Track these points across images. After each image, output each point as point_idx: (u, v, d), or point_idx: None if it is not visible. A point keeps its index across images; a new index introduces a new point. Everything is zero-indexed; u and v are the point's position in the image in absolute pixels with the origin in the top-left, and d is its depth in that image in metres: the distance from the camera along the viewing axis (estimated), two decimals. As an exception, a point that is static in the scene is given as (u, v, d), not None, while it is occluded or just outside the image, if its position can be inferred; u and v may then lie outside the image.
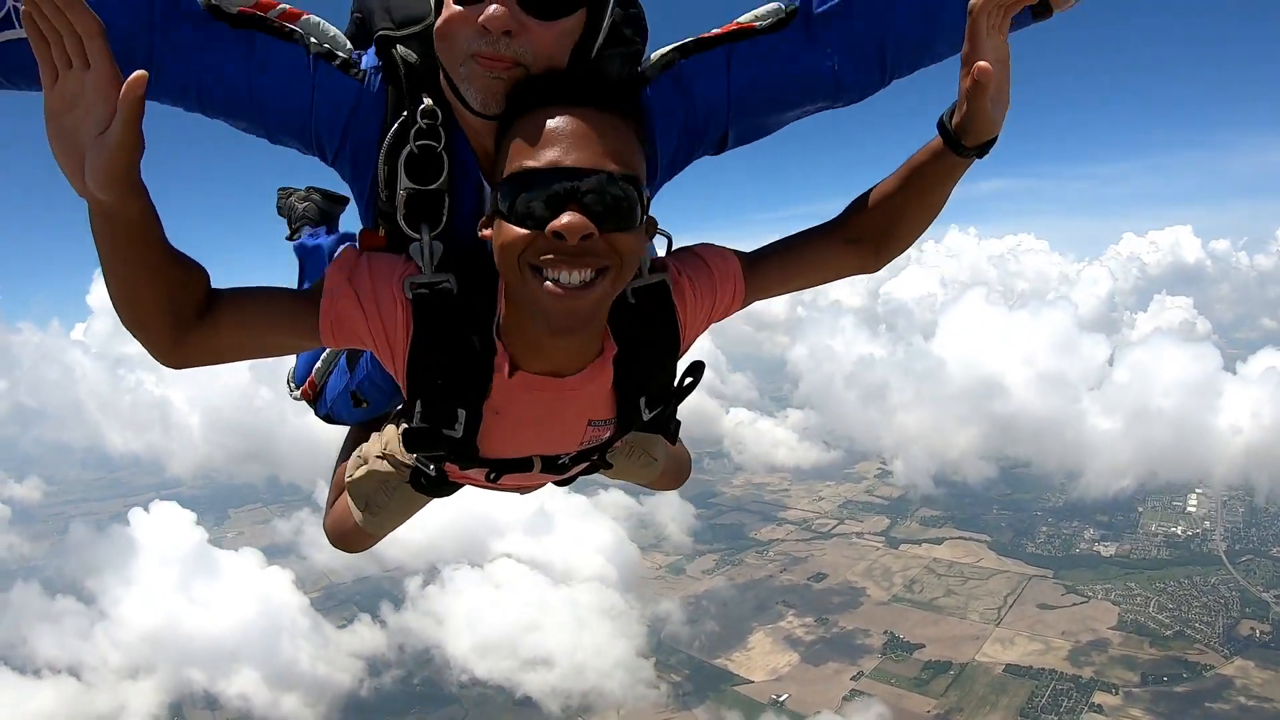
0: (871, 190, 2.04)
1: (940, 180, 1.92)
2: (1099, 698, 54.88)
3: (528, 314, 1.65)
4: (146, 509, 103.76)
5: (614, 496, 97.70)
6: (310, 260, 3.17)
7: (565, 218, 1.46)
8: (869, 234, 2.05)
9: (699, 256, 2.00)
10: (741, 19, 1.97)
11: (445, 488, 2.50)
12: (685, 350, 2.06)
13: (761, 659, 65.65)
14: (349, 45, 1.85)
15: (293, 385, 3.20)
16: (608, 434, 2.10)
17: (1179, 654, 58.19)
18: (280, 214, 3.75)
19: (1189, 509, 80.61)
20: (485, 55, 1.58)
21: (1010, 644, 62.23)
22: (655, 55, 1.95)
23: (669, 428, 2.26)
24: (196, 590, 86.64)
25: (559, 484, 2.50)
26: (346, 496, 2.91)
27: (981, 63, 1.63)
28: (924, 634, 64.98)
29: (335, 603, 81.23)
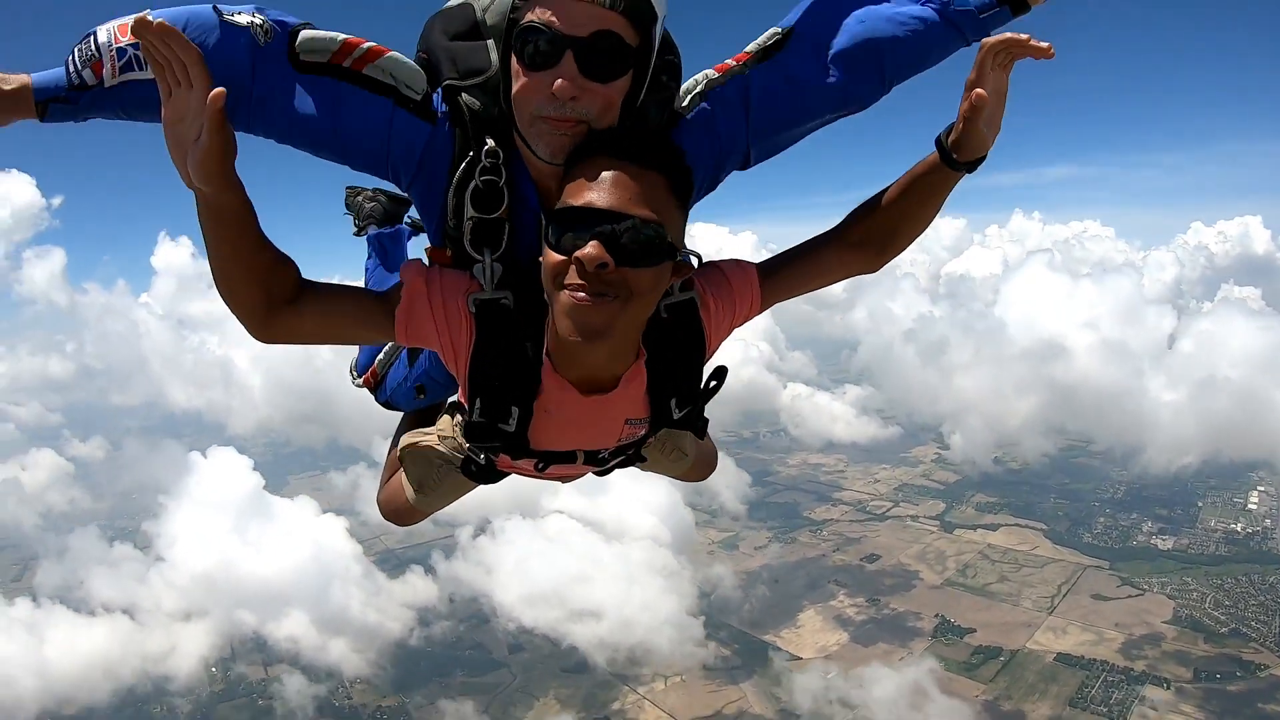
0: (871, 199, 2.40)
1: (936, 190, 2.29)
2: (1150, 692, 55.79)
3: (557, 324, 1.96)
4: (204, 454, 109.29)
5: None
6: (390, 251, 3.93)
7: (587, 249, 1.81)
8: (872, 238, 2.41)
9: (722, 272, 2.37)
10: (748, 49, 2.33)
11: (493, 476, 2.86)
12: (710, 356, 2.43)
13: (811, 636, 67.80)
14: (424, 81, 2.17)
15: (355, 374, 3.62)
16: (643, 431, 2.45)
17: (1233, 652, 58.93)
18: (348, 210, 4.24)
19: (1250, 506, 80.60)
20: (554, 118, 1.94)
21: (1063, 633, 63.43)
22: (685, 87, 2.31)
23: (697, 424, 2.59)
24: (251, 535, 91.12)
25: (598, 474, 2.89)
26: (401, 475, 3.26)
27: (980, 90, 1.99)
28: (976, 619, 66.56)
29: (388, 555, 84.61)
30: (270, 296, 2.02)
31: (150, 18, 1.69)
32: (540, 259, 1.98)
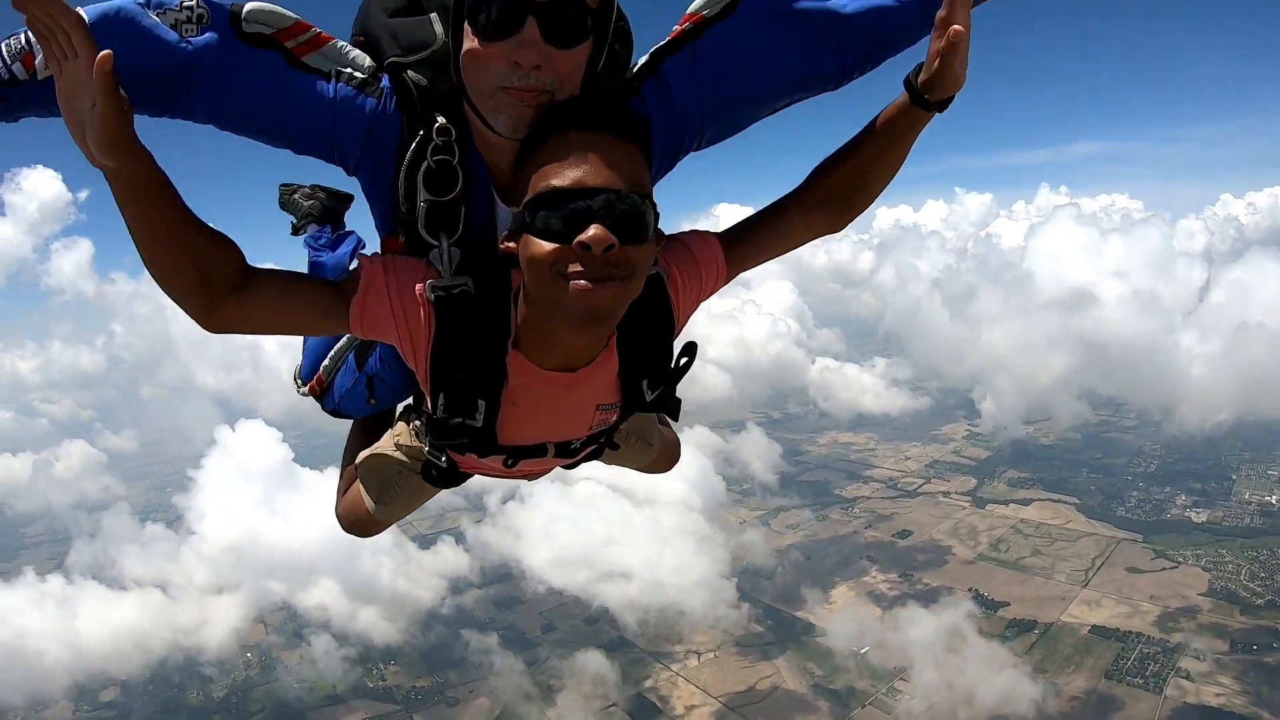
0: (833, 155, 2.32)
1: (904, 134, 2.21)
2: (1186, 664, 56.89)
3: (553, 316, 1.93)
4: (233, 428, 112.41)
5: (699, 434, 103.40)
6: (327, 267, 3.66)
7: (591, 231, 1.73)
8: (835, 195, 2.34)
9: (685, 245, 2.31)
10: (691, 8, 2.25)
11: (456, 478, 2.81)
12: (679, 331, 2.38)
13: (844, 612, 69.41)
14: (369, 63, 2.13)
15: (299, 382, 3.47)
16: (614, 416, 2.41)
17: (1270, 624, 59.89)
18: (284, 209, 4.04)
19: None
20: (517, 89, 1.87)
21: (1097, 606, 65.01)
22: (640, 61, 2.27)
23: (670, 405, 2.52)
24: (280, 505, 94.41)
25: (567, 468, 2.82)
26: (358, 486, 3.24)
27: (957, 25, 1.90)
28: (1009, 593, 68.25)
29: (416, 525, 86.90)
30: (210, 282, 1.91)
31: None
32: (507, 249, 1.96)
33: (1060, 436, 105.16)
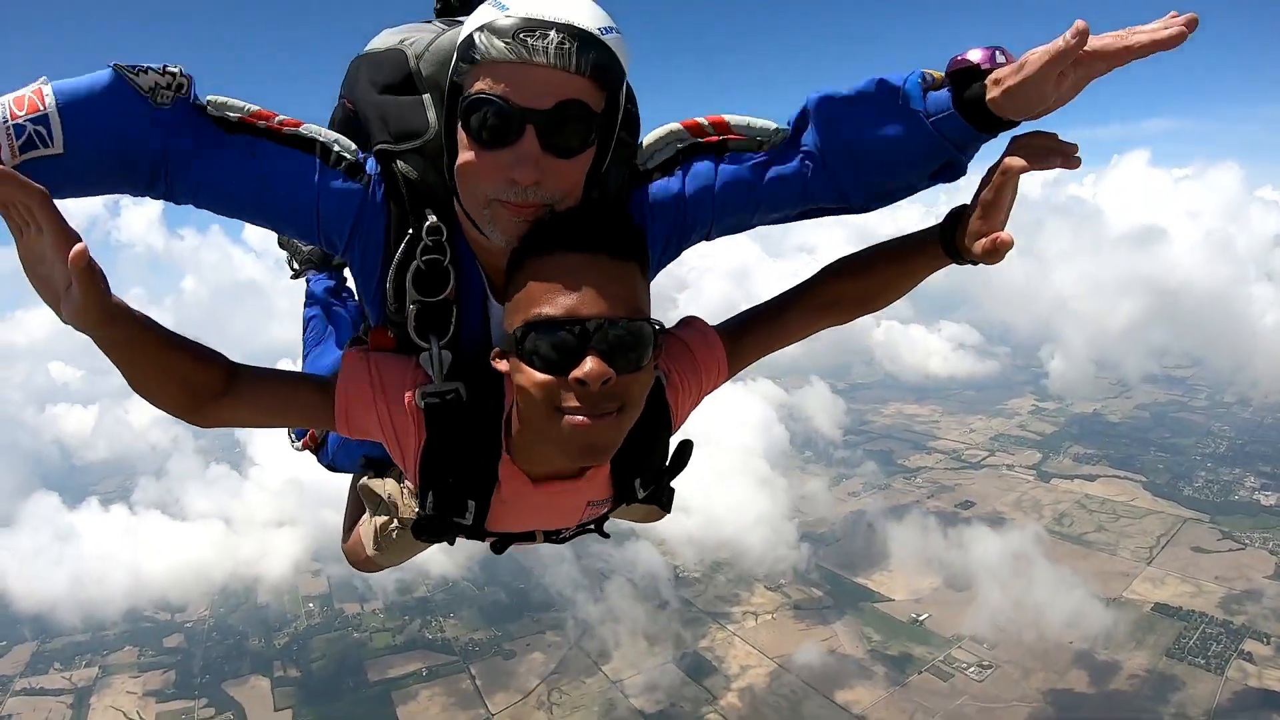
0: (847, 260, 2.38)
1: (925, 269, 2.29)
2: (1249, 646, 58.36)
3: (547, 446, 2.00)
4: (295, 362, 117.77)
5: (763, 387, 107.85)
6: (346, 322, 3.82)
7: (587, 365, 1.70)
8: (844, 302, 2.41)
9: (685, 344, 2.34)
10: (732, 121, 2.22)
11: (448, 538, 2.76)
12: (675, 431, 2.41)
13: (903, 580, 72.33)
14: (352, 146, 2.08)
15: (294, 438, 3.64)
16: (605, 510, 2.47)
17: None
18: (282, 247, 4.06)
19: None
20: (513, 204, 1.81)
21: (1160, 584, 66.73)
22: (648, 142, 2.23)
23: (662, 500, 2.54)
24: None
25: (558, 543, 2.84)
26: (359, 530, 3.45)
27: (1004, 235, 1.92)
28: (1072, 567, 69.67)
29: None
30: (193, 395, 2.01)
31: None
32: (496, 362, 1.97)
33: (1128, 415, 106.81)
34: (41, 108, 1.80)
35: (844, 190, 2.19)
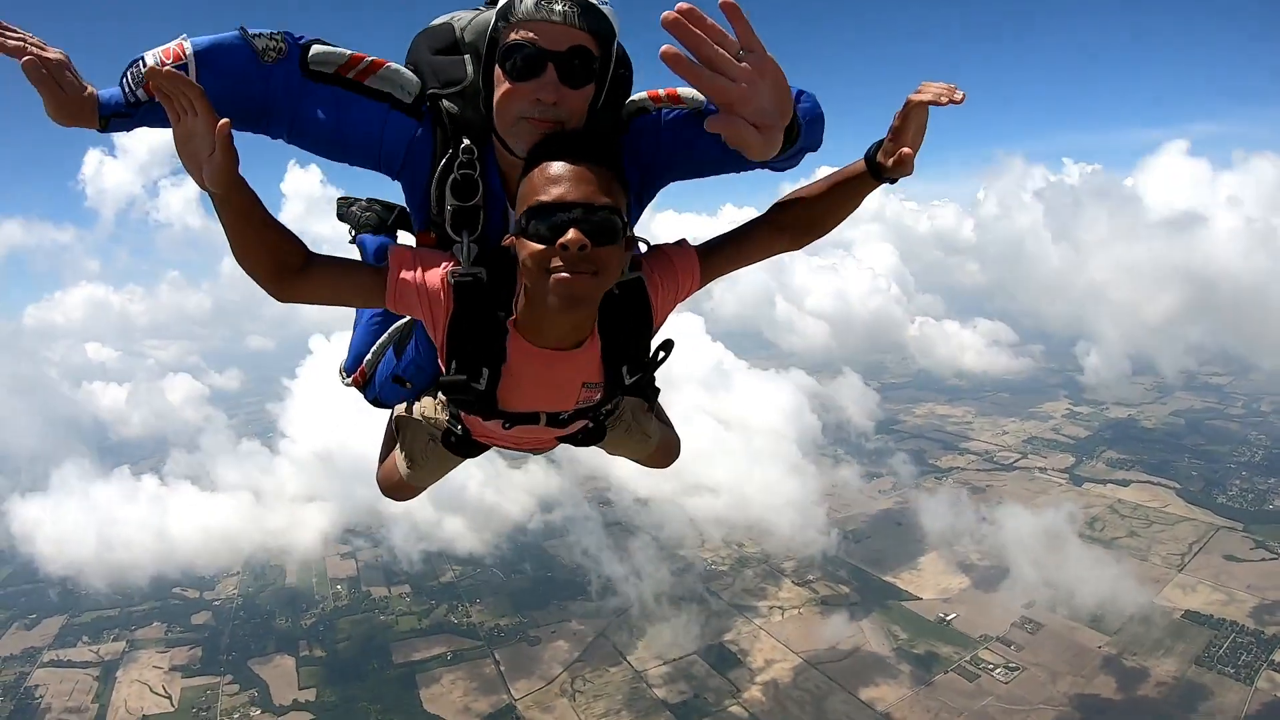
0: (797, 191, 2.97)
1: (856, 195, 2.87)
2: None
3: (542, 302, 2.48)
4: (329, 338, 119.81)
5: (796, 377, 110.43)
6: (373, 254, 4.35)
7: (569, 234, 2.33)
8: (797, 224, 2.97)
9: (666, 254, 2.92)
10: (681, 91, 2.91)
11: (471, 448, 3.60)
12: (658, 328, 2.99)
13: (932, 579, 73.18)
14: (416, 86, 2.82)
15: (344, 374, 4.15)
16: (598, 395, 3.01)
17: None
18: (340, 219, 4.71)
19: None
20: (536, 119, 2.52)
21: (1192, 590, 67.07)
22: (629, 102, 2.93)
23: (648, 393, 3.25)
24: (371, 414, 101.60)
25: (563, 440, 3.60)
26: (395, 453, 4.03)
27: (906, 150, 2.57)
28: (1101, 573, 69.52)
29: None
30: (280, 266, 2.58)
31: (157, 66, 2.27)
32: (509, 245, 2.57)
33: (1163, 421, 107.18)
34: (183, 57, 2.52)
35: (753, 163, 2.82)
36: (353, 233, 4.65)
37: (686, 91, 2.89)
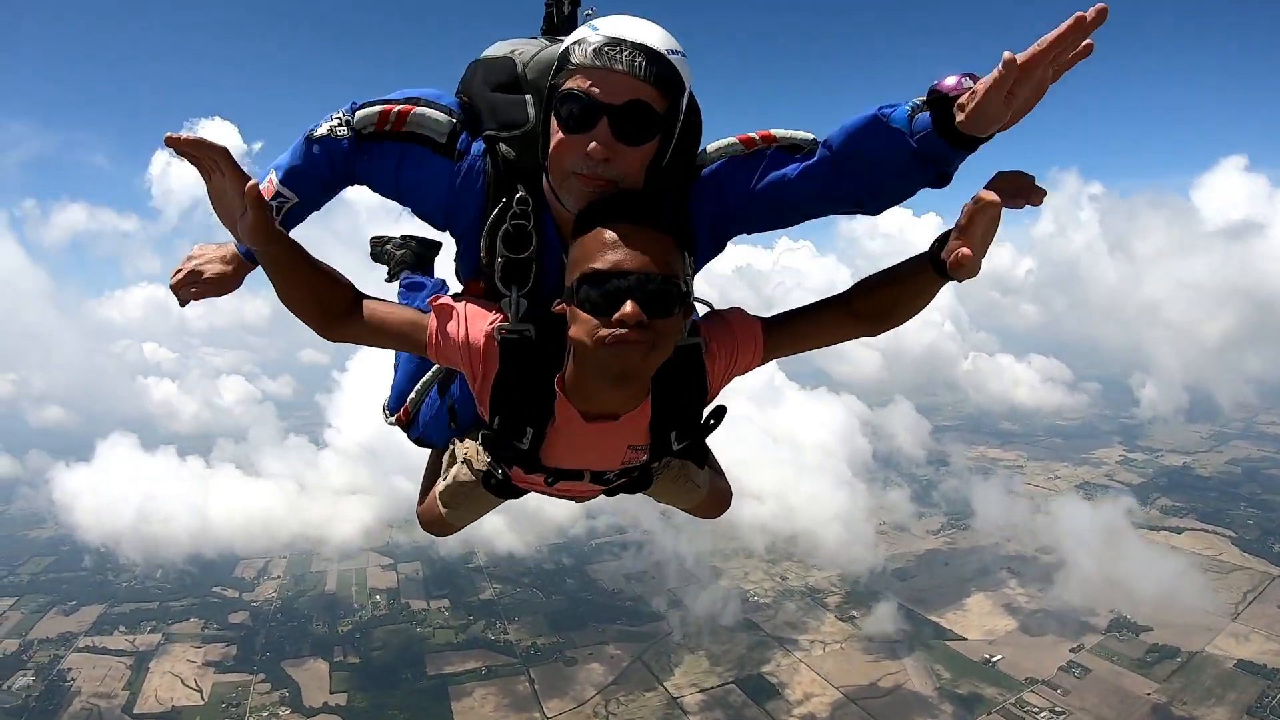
0: (874, 276, 2.83)
1: (925, 291, 2.74)
2: None
3: (593, 375, 2.52)
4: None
5: (848, 401, 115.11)
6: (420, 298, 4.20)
7: (626, 308, 2.29)
8: (871, 313, 2.87)
9: (727, 322, 2.89)
10: (777, 134, 2.84)
11: (511, 491, 3.50)
12: (713, 396, 2.97)
13: (977, 620, 73.97)
14: (448, 123, 2.85)
15: (387, 414, 4.13)
16: (644, 457, 3.01)
17: None
18: (376, 260, 4.73)
19: None
20: (586, 176, 2.47)
21: (1245, 640, 67.24)
22: (711, 148, 2.90)
23: (696, 456, 3.21)
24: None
25: (607, 494, 3.53)
26: (436, 490, 3.95)
27: (964, 250, 2.35)
28: (1153, 618, 70.74)
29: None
30: (326, 311, 2.68)
31: (174, 135, 2.30)
32: (556, 308, 2.54)
33: (1219, 469, 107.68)
34: (274, 186, 2.93)
35: (853, 193, 2.78)
36: (391, 272, 4.68)
37: (782, 132, 2.88)
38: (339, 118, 2.92)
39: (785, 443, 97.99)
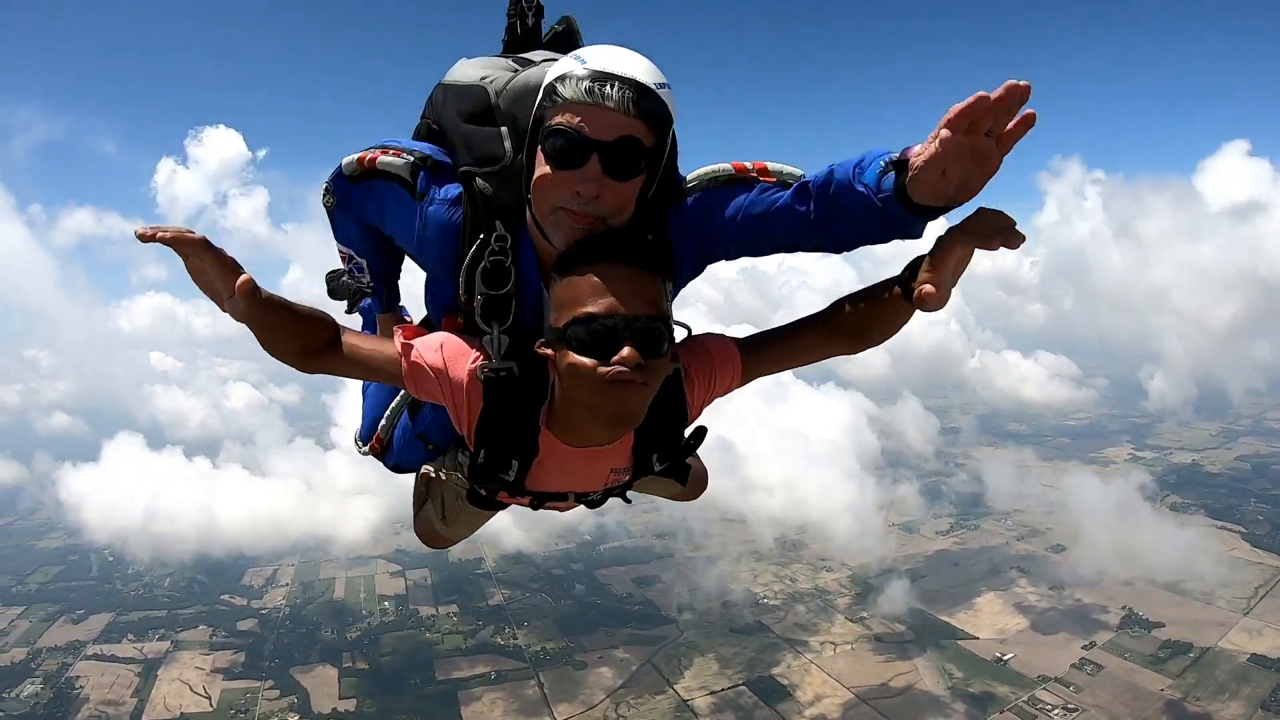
0: (851, 296, 2.84)
1: (898, 312, 2.75)
2: None
3: (586, 415, 2.59)
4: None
5: (855, 398, 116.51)
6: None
7: (625, 351, 2.34)
8: (849, 331, 2.88)
9: (705, 348, 2.93)
10: (771, 167, 2.83)
11: (496, 505, 3.50)
12: (693, 419, 3.03)
13: (988, 619, 74.33)
14: (409, 165, 2.87)
15: (360, 444, 4.13)
16: (626, 478, 3.11)
17: None
18: (333, 296, 4.53)
19: None
20: (574, 212, 2.47)
21: (1258, 635, 67.51)
22: (700, 172, 2.91)
23: (678, 474, 3.26)
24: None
25: (589, 506, 3.48)
26: (428, 508, 4.08)
27: (926, 287, 2.44)
28: (1165, 614, 71.22)
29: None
30: (304, 350, 2.71)
31: (146, 230, 2.28)
32: (544, 354, 2.57)
33: (1228, 465, 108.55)
34: (339, 249, 3.47)
35: (828, 236, 2.76)
36: (351, 304, 4.51)
37: (776, 166, 2.88)
38: (325, 194, 3.22)
39: (793, 436, 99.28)
